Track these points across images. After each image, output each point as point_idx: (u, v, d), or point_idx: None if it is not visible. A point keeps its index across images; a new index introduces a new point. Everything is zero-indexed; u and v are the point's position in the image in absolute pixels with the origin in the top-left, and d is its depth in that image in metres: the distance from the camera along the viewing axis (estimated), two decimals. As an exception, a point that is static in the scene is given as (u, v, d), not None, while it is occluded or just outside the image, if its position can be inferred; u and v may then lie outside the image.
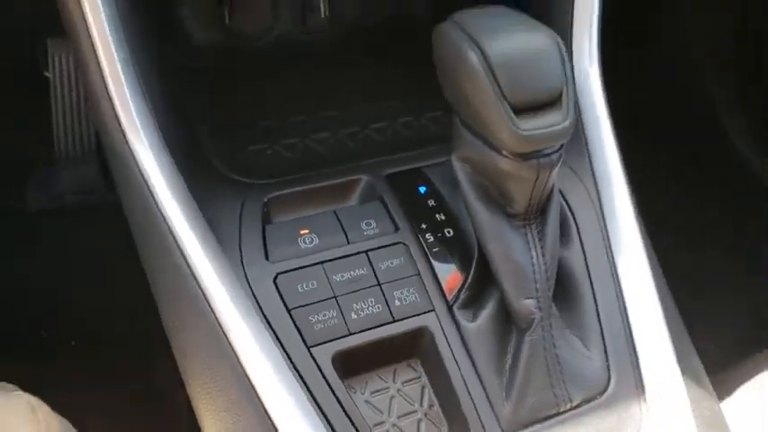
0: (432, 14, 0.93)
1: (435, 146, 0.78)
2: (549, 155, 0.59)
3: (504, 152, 0.59)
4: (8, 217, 1.57)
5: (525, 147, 0.58)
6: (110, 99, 0.65)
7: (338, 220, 0.68)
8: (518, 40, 0.58)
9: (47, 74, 1.54)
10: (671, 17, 1.80)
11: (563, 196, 0.73)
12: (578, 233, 0.70)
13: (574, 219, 0.71)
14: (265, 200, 0.70)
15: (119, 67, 0.65)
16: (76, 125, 1.60)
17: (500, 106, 0.56)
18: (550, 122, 0.57)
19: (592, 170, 0.75)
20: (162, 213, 0.65)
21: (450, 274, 0.66)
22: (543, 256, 0.63)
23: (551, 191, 0.63)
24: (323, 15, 0.91)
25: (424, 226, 0.69)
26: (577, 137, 0.77)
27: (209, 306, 0.62)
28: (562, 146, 0.60)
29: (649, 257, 0.71)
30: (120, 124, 0.66)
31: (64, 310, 1.42)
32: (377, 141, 0.86)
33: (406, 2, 0.93)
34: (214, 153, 0.80)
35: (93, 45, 0.64)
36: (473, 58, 0.57)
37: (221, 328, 0.61)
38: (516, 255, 0.62)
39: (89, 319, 1.40)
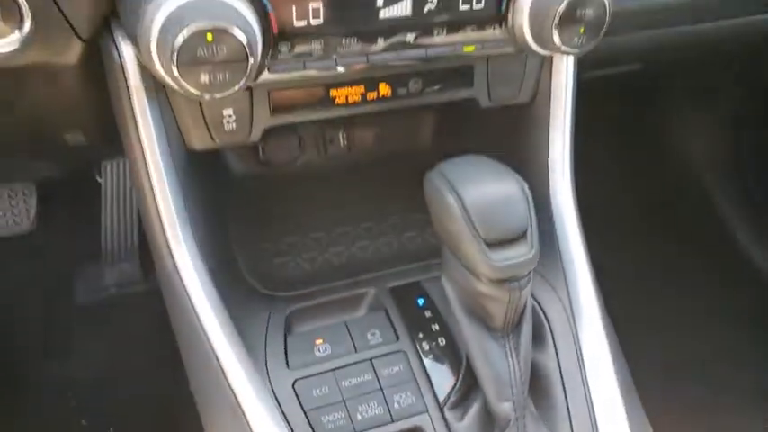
0: (433, 147, 1.08)
1: (435, 259, 0.91)
2: (519, 279, 0.72)
3: (482, 278, 0.72)
4: (58, 307, 1.72)
5: (498, 275, 0.70)
6: (161, 222, 0.80)
7: (348, 330, 0.81)
8: (490, 188, 0.72)
9: (99, 179, 1.73)
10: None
11: (539, 304, 0.85)
12: (552, 337, 0.82)
13: (548, 324, 0.83)
14: (287, 313, 0.84)
15: (169, 195, 0.80)
16: (122, 226, 1.77)
17: (476, 242, 0.69)
18: (518, 254, 0.70)
19: (565, 281, 0.87)
20: (200, 323, 0.79)
21: (442, 379, 0.78)
22: (518, 363, 0.74)
23: (524, 307, 0.75)
24: (342, 145, 1.07)
25: (420, 335, 0.81)
26: (552, 251, 0.89)
27: (239, 405, 0.74)
28: (530, 271, 0.73)
29: (614, 357, 0.81)
30: (167, 244, 0.81)
31: (105, 399, 1.54)
32: (384, 254, 0.99)
33: (413, 137, 1.09)
34: (246, 266, 0.95)
35: (149, 176, 0.80)
36: (453, 203, 0.70)
37: (248, 425, 0.73)
38: (496, 363, 0.74)
39: (127, 405, 1.52)
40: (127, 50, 0.73)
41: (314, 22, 0.70)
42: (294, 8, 0.68)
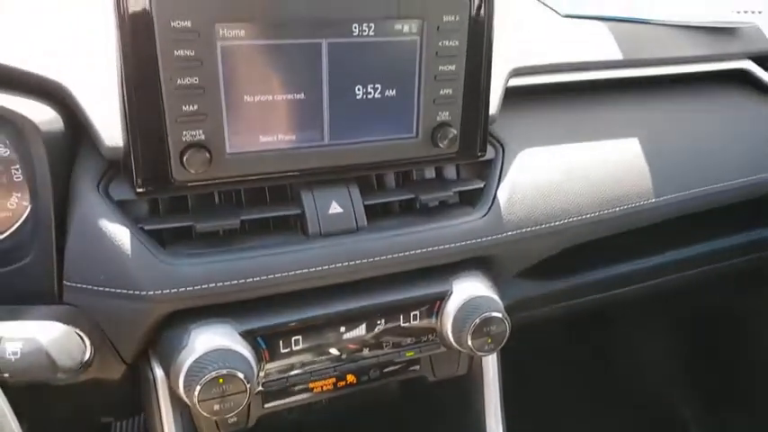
0: (402, 395, 1.33)
1: None
2: None
3: None
4: None
5: None
6: None
7: None
8: None
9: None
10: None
11: None
12: None
13: None
14: None
15: None
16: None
17: None
18: None
19: None
20: None
21: None
22: None
23: None
24: (323, 402, 1.30)
25: None
26: None
27: None
28: None
29: None
30: None
31: None
32: None
33: (382, 394, 1.33)
34: None
35: None
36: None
37: None
38: None
39: None
40: (159, 373, 0.99)
41: (295, 347, 0.98)
42: (281, 341, 0.96)
